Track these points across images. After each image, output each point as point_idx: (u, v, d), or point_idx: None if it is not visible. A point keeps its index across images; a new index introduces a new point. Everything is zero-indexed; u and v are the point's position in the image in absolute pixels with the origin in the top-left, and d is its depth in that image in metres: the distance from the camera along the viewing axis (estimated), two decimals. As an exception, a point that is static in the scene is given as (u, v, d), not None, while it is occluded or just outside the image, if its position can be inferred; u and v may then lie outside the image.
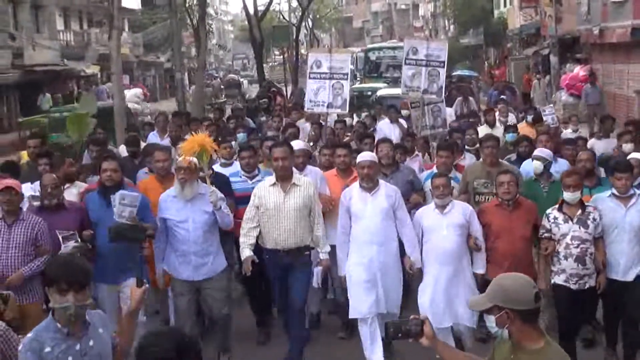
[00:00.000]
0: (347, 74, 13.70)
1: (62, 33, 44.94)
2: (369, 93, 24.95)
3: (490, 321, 3.80)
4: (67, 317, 4.10)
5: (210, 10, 50.98)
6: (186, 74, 54.56)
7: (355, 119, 17.75)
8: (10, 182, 7.20)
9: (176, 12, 31.04)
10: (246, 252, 7.63)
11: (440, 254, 7.58)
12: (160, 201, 7.70)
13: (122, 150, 12.08)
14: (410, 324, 3.88)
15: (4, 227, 6.99)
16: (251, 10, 40.80)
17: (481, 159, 9.68)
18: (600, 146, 11.80)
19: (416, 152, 11.73)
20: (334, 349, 8.57)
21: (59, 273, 4.11)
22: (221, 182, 8.44)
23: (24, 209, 7.46)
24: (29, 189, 8.16)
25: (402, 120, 15.67)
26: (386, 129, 15.02)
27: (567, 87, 27.98)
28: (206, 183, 7.68)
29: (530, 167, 9.51)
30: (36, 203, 7.78)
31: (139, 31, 55.34)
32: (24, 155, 11.66)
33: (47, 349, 4.08)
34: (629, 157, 8.89)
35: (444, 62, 13.89)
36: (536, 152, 9.37)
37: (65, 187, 8.33)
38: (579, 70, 28.89)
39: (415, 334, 3.87)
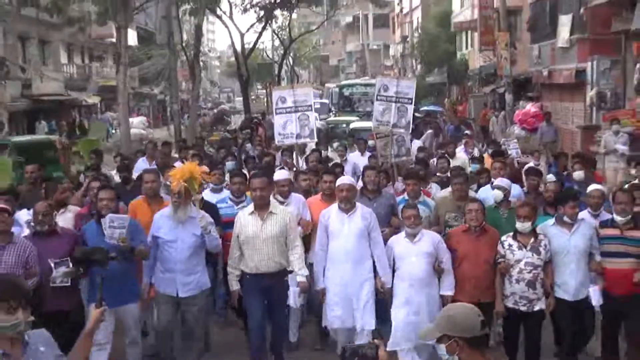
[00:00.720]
0: (310, 106, 13.63)
1: (66, 66, 45.23)
2: (343, 125, 25.04)
3: (441, 349, 3.77)
4: (15, 335, 3.84)
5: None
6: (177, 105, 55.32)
7: (330, 149, 17.56)
8: (2, 205, 7.13)
9: (174, 50, 31.53)
10: (233, 286, 7.64)
11: (409, 279, 7.48)
12: (154, 219, 7.61)
13: (115, 176, 11.88)
14: (366, 348, 3.88)
15: None
16: (239, 49, 40.95)
17: (450, 193, 9.55)
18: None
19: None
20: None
21: (7, 292, 3.83)
22: (209, 210, 8.31)
23: (23, 234, 7.46)
24: (26, 215, 8.09)
25: (367, 152, 15.55)
26: (356, 159, 15.10)
27: (520, 122, 27.72)
28: (196, 207, 7.71)
29: (485, 194, 9.57)
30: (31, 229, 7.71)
31: (135, 65, 53.98)
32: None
33: None
34: (591, 188, 8.65)
35: (411, 99, 13.87)
36: (496, 182, 9.38)
37: (60, 212, 8.32)
38: (530, 107, 28.83)
39: (371, 358, 3.85)
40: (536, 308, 7.30)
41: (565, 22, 27.11)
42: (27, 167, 11.02)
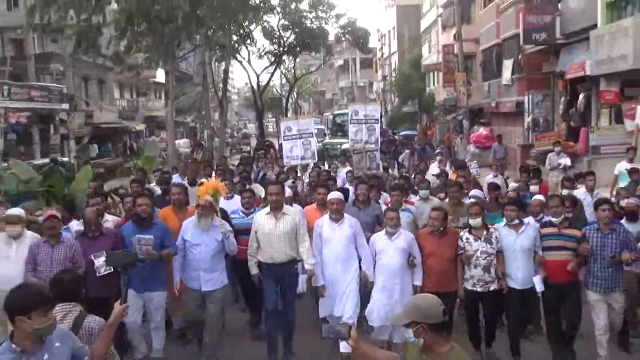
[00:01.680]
0: (312, 133, 13.44)
1: (119, 100, 44.88)
2: (337, 146, 24.93)
3: (409, 333, 3.62)
4: (47, 333, 3.63)
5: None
6: (206, 131, 55.35)
7: (326, 165, 17.09)
8: (53, 212, 7.05)
9: (207, 88, 32.09)
10: (253, 270, 7.41)
11: (386, 270, 7.30)
12: (184, 225, 7.35)
13: (157, 189, 11.36)
14: (340, 327, 3.74)
15: (48, 248, 6.75)
16: (255, 86, 40.79)
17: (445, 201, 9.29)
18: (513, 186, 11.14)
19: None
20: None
21: (46, 297, 3.65)
22: (222, 215, 8.03)
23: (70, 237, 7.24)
24: (76, 225, 7.92)
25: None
26: (341, 173, 14.84)
27: (474, 142, 28.06)
28: (218, 216, 7.46)
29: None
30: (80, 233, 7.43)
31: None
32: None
33: None
34: (533, 199, 8.62)
35: (377, 119, 13.73)
36: (472, 193, 9.39)
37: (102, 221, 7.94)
38: (482, 130, 29.15)
39: (344, 336, 3.69)
40: (491, 288, 7.18)
41: (507, 65, 27.44)
42: (90, 184, 10.77)
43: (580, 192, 10.08)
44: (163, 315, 7.46)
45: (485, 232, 7.22)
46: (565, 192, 9.71)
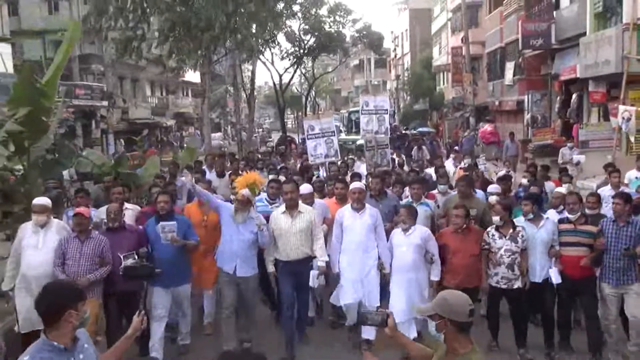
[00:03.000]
0: (333, 131, 13.09)
1: (150, 98, 45.80)
2: (350, 142, 24.81)
3: (432, 325, 3.48)
4: (85, 324, 3.48)
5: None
6: (229, 126, 56.64)
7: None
8: (81, 209, 6.84)
9: (237, 88, 33.43)
10: (270, 268, 7.24)
11: (400, 264, 7.11)
12: (224, 218, 7.17)
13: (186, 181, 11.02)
14: (376, 314, 3.63)
15: (78, 243, 6.56)
16: (277, 85, 41.00)
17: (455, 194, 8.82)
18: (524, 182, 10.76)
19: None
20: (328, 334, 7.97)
21: (81, 292, 3.49)
22: None
23: (99, 229, 7.13)
24: (102, 213, 7.71)
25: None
26: (359, 168, 14.21)
27: (480, 138, 27.87)
28: (254, 209, 7.27)
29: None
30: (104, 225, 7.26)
31: (198, 97, 56.01)
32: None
33: None
34: (556, 190, 8.57)
35: (387, 109, 13.45)
36: (490, 189, 9.08)
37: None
38: (487, 127, 28.99)
39: (381, 323, 3.59)
40: (515, 286, 6.95)
41: (509, 67, 28.36)
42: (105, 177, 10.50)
43: (606, 189, 9.61)
44: (188, 305, 7.39)
45: (511, 231, 7.00)
46: (564, 187, 9.30)
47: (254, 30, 23.38)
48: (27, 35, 33.59)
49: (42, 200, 6.90)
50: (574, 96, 22.19)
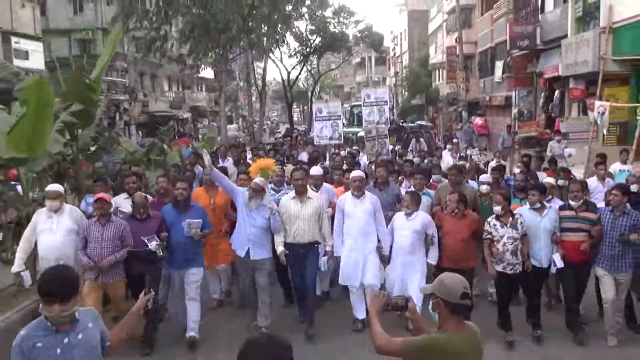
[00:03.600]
0: (340, 116, 13.13)
1: (167, 92, 46.18)
2: (351, 135, 24.61)
3: (430, 304, 3.39)
4: (53, 322, 3.24)
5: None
6: (240, 119, 57.05)
7: (343, 152, 15.10)
8: (102, 195, 6.65)
9: (250, 84, 33.92)
10: (280, 248, 6.96)
11: (400, 247, 7.07)
12: (238, 202, 7.03)
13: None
14: (397, 299, 3.55)
15: (99, 227, 6.43)
16: (285, 81, 41.37)
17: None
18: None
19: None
20: (334, 313, 7.83)
21: (44, 288, 3.21)
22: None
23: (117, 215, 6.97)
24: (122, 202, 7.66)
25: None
26: (362, 158, 13.92)
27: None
28: (267, 195, 7.12)
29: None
30: (123, 214, 7.15)
31: (211, 92, 55.43)
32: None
33: (39, 344, 3.23)
34: (543, 181, 8.39)
35: (387, 101, 13.50)
36: (482, 178, 8.85)
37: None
38: (478, 120, 30.56)
39: (402, 307, 3.50)
40: (518, 271, 6.77)
41: (499, 66, 28.72)
42: (123, 166, 10.67)
43: (593, 179, 9.53)
44: (198, 288, 7.04)
45: (511, 219, 6.86)
46: (561, 182, 9.21)
47: (265, 31, 23.81)
48: (55, 34, 33.89)
49: (55, 187, 6.90)
50: (556, 92, 22.62)
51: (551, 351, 6.64)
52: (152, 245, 6.45)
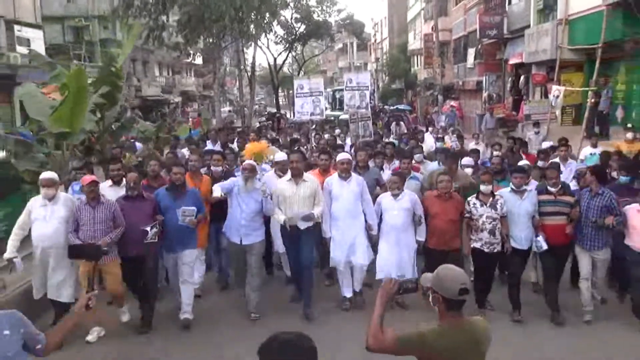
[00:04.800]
0: (321, 92, 12.68)
1: (158, 78, 45.94)
2: (332, 118, 24.49)
3: (430, 297, 3.09)
4: None
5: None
6: (227, 102, 57.67)
7: (327, 135, 14.83)
8: (92, 177, 6.55)
9: (241, 70, 34.85)
10: (281, 218, 6.92)
11: (391, 227, 7.03)
12: (234, 185, 6.89)
13: (186, 153, 10.99)
14: (408, 282, 3.33)
15: (89, 209, 6.32)
16: (272, 67, 42.32)
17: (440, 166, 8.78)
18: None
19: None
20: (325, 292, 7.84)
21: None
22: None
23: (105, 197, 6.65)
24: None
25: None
26: (345, 141, 14.26)
27: (445, 111, 29.70)
28: (261, 179, 7.14)
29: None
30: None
31: (200, 77, 56.12)
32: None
33: None
34: (520, 163, 8.28)
35: (368, 86, 13.32)
36: (464, 162, 8.74)
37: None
38: (452, 103, 31.08)
39: (412, 289, 3.28)
40: (495, 250, 6.78)
41: (471, 52, 29.69)
42: (114, 150, 10.60)
43: (555, 161, 9.56)
44: (192, 270, 6.98)
45: (491, 199, 6.81)
46: (540, 164, 9.29)
47: (254, 19, 24.66)
48: (49, 21, 33.93)
49: (50, 175, 6.64)
50: (521, 77, 23.71)
51: (530, 330, 6.63)
52: (153, 232, 6.44)
